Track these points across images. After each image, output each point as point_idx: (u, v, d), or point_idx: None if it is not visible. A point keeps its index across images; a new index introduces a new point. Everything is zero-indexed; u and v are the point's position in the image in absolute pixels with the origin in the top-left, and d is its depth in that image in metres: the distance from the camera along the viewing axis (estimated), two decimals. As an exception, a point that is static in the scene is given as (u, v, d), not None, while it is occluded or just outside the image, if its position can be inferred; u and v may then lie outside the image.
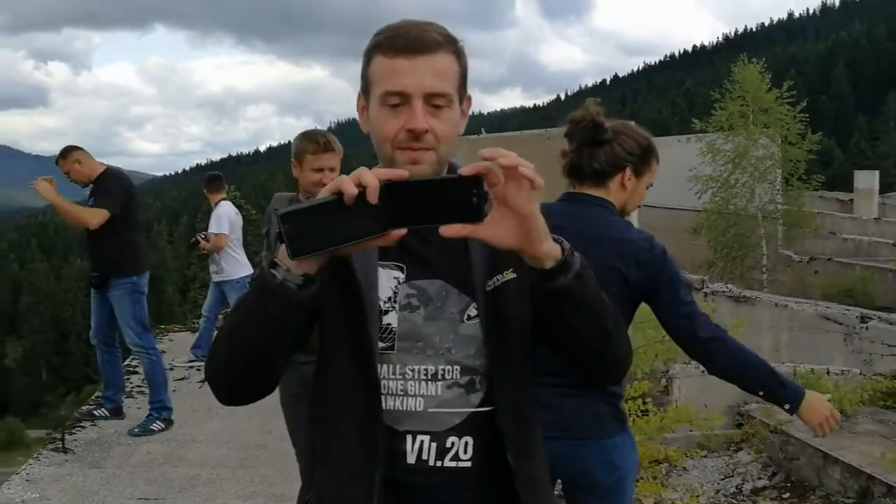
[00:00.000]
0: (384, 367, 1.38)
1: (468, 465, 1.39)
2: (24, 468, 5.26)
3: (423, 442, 1.38)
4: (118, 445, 5.66)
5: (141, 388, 6.38)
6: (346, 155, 3.65)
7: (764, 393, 2.37)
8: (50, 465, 5.30)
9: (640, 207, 2.61)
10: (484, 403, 1.40)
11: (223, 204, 8.03)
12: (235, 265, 7.91)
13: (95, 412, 6.22)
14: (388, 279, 1.40)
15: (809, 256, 17.77)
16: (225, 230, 7.83)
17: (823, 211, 21.00)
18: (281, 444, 4.67)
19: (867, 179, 23.27)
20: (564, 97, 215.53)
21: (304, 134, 3.54)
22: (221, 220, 7.86)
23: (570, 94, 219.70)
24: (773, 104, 18.05)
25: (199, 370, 7.93)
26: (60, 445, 5.57)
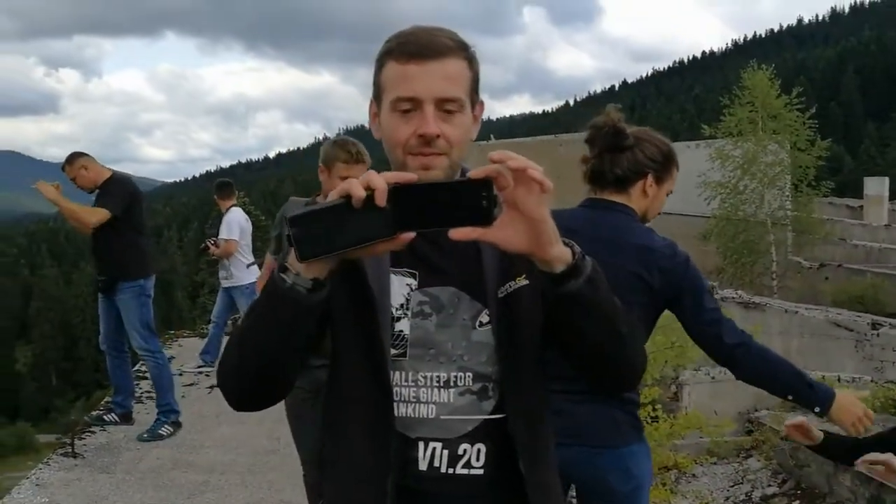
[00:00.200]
0: (396, 373, 1.38)
1: (480, 472, 1.39)
2: (34, 473, 5.28)
3: (435, 449, 1.37)
4: (127, 451, 5.68)
5: (150, 393, 6.40)
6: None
7: (793, 397, 2.33)
8: (60, 469, 5.32)
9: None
10: (496, 410, 1.39)
11: (233, 210, 8.08)
12: (245, 271, 7.95)
13: (105, 417, 6.25)
14: (400, 286, 1.40)
15: (819, 263, 17.69)
16: (235, 236, 7.87)
17: (833, 217, 20.91)
18: (290, 450, 4.67)
19: (877, 186, 23.15)
20: (573, 103, 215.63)
21: (335, 142, 3.52)
22: (232, 225, 7.90)
23: (578, 99, 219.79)
24: (782, 110, 18.01)
25: (208, 375, 7.95)
26: (70, 450, 5.59)
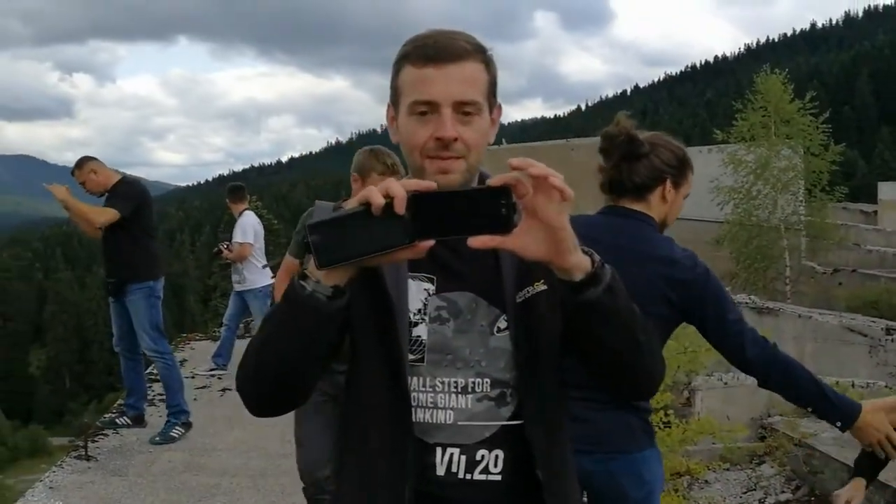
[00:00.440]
0: (414, 379, 1.37)
1: (498, 478, 1.38)
2: (47, 475, 5.31)
3: (452, 455, 1.37)
4: (140, 453, 5.70)
5: (162, 396, 6.42)
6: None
7: (813, 409, 2.32)
8: (73, 472, 5.34)
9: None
10: (514, 417, 1.39)
11: (247, 214, 8.11)
12: (258, 274, 7.99)
13: (118, 420, 6.28)
14: (418, 291, 1.39)
15: (833, 268, 17.58)
16: (250, 239, 7.91)
17: (847, 222, 20.77)
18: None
19: (891, 191, 22.96)
20: (585, 108, 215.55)
21: (371, 151, 3.49)
22: (246, 229, 7.94)
23: (590, 104, 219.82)
24: (795, 115, 17.89)
25: (220, 378, 7.98)
26: (83, 453, 5.61)
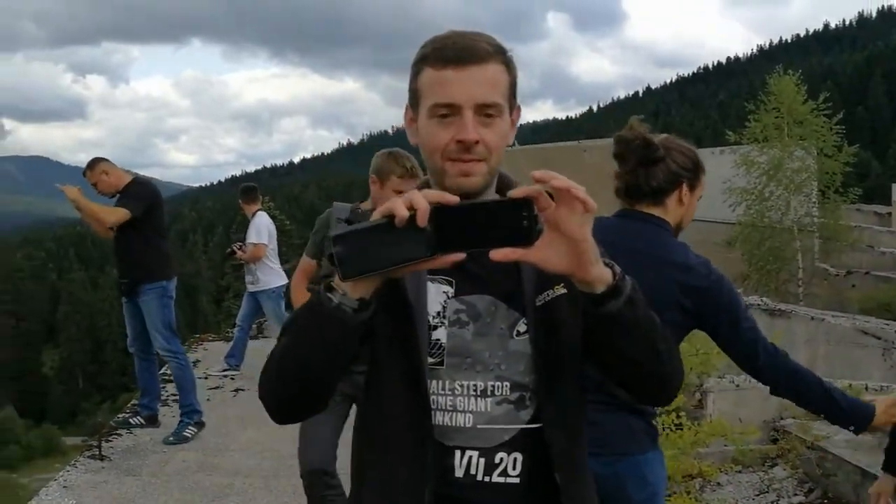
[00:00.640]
0: (433, 382, 1.37)
1: (516, 480, 1.38)
2: (61, 475, 5.34)
3: (471, 457, 1.37)
4: (153, 453, 5.74)
5: (176, 396, 6.45)
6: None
7: (825, 416, 2.35)
8: (87, 472, 5.38)
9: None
10: (533, 420, 1.39)
11: (260, 214, 8.14)
12: (271, 275, 8.02)
13: (131, 420, 6.32)
14: (437, 293, 1.39)
15: (846, 270, 17.47)
16: (264, 240, 7.94)
17: (861, 224, 20.64)
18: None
19: (905, 192, 22.85)
20: (597, 109, 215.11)
21: (390, 154, 3.50)
22: (261, 230, 7.97)
23: (602, 105, 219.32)
24: (808, 116, 17.79)
25: (232, 379, 8.01)
26: (97, 453, 5.65)
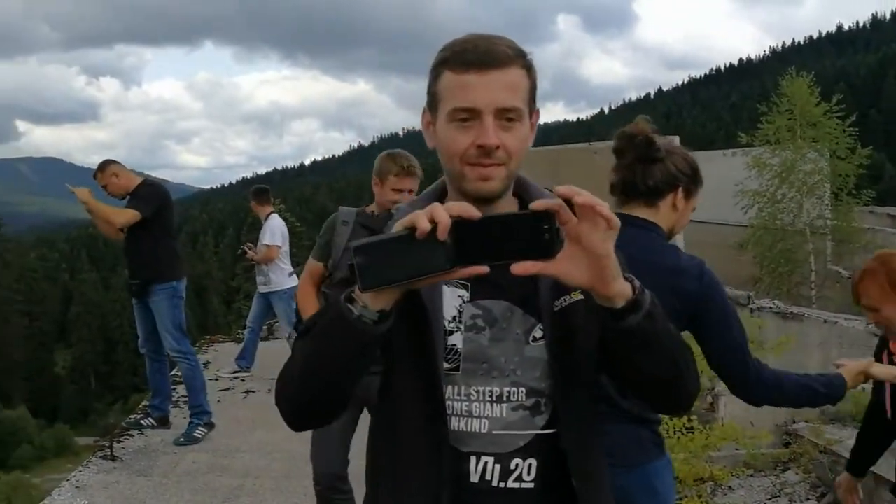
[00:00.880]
0: (449, 388, 1.36)
1: (531, 486, 1.37)
2: (73, 475, 5.37)
3: (487, 463, 1.36)
4: (164, 454, 5.75)
5: (186, 397, 6.47)
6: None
7: (808, 405, 2.52)
8: (98, 472, 5.40)
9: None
10: (549, 426, 1.38)
11: (274, 216, 8.19)
12: (283, 276, 8.04)
13: (142, 421, 6.33)
14: (452, 298, 1.38)
15: (859, 273, 17.38)
16: (278, 242, 7.97)
17: (874, 227, 20.52)
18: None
19: (920, 194, 22.73)
20: (608, 111, 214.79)
21: (388, 155, 3.57)
22: (275, 232, 8.00)
23: (613, 107, 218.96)
24: (821, 118, 17.71)
25: (243, 381, 8.03)
26: (109, 453, 5.67)
